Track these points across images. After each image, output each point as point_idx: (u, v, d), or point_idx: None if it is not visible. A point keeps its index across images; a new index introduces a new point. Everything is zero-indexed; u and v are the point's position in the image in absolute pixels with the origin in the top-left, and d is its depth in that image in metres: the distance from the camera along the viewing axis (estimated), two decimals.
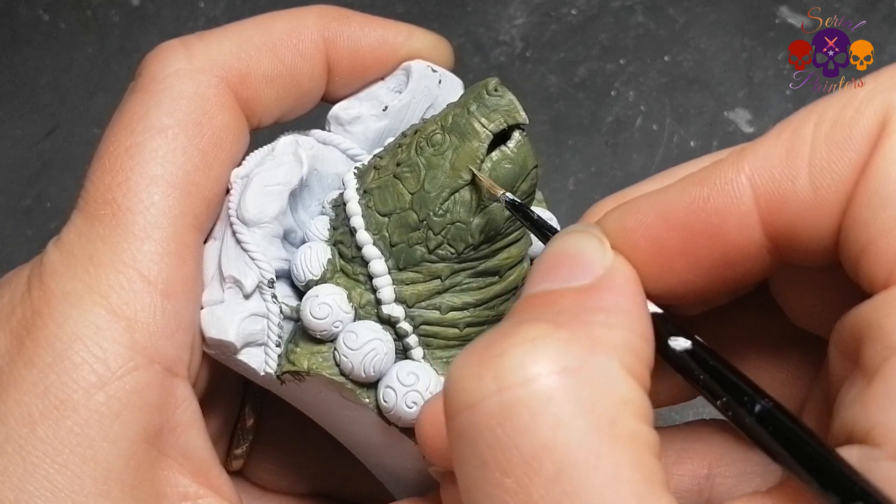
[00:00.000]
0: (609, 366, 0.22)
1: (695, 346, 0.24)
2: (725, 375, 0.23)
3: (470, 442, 0.22)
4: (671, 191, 0.25)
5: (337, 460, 0.39)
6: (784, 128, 0.24)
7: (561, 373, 0.21)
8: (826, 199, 0.23)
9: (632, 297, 0.24)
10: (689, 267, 0.25)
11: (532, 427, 0.21)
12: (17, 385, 0.29)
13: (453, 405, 0.22)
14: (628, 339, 0.23)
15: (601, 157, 0.65)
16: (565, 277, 0.24)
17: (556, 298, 0.24)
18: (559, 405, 0.21)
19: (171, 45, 0.34)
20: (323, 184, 0.35)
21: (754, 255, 0.25)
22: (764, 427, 0.22)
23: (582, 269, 0.24)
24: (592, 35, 0.68)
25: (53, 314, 0.30)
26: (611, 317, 0.23)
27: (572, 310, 0.23)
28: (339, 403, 0.33)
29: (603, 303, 0.23)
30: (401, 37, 0.36)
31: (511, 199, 0.30)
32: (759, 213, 0.24)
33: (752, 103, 0.67)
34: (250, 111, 0.34)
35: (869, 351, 0.22)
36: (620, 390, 0.22)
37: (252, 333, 0.32)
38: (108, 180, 0.32)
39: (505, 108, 0.31)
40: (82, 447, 0.29)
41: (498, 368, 0.22)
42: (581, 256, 0.25)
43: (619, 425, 0.21)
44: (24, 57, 0.68)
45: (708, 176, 0.24)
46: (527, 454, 0.21)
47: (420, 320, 0.32)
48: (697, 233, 0.24)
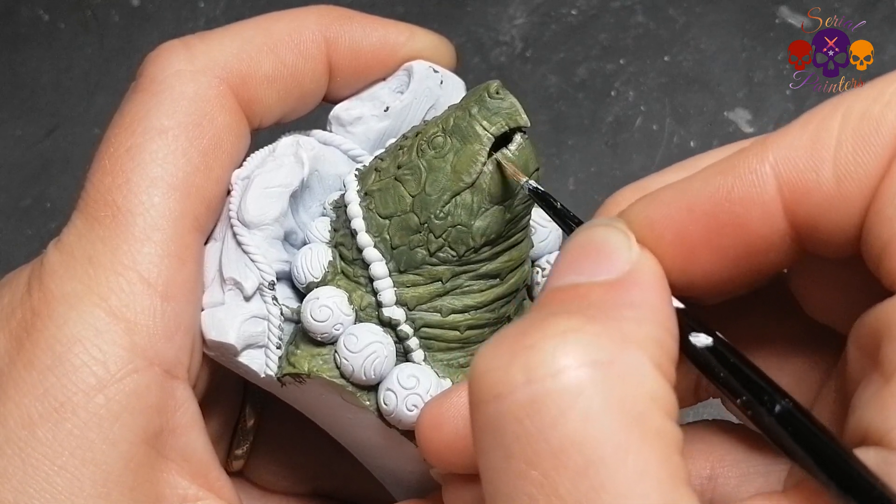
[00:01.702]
0: (639, 361, 0.22)
1: (716, 343, 0.24)
2: (746, 373, 0.23)
3: (496, 432, 0.22)
4: (695, 181, 0.25)
5: (337, 461, 0.39)
6: (811, 118, 0.24)
7: (591, 366, 0.21)
8: (850, 193, 0.23)
9: (659, 292, 0.24)
10: (713, 258, 0.25)
11: (561, 420, 0.21)
12: (16, 387, 0.29)
13: (480, 395, 0.22)
14: (657, 334, 0.23)
15: (601, 157, 0.65)
16: (592, 271, 0.24)
17: (584, 292, 0.24)
18: (589, 399, 0.21)
19: (171, 46, 0.34)
20: (324, 185, 0.35)
21: (778, 246, 0.24)
22: (784, 427, 0.22)
23: (608, 263, 0.24)
24: (592, 35, 0.68)
25: (53, 316, 0.30)
26: (640, 312, 0.23)
27: (601, 304, 0.23)
28: (340, 406, 0.33)
29: (631, 298, 0.23)
30: (402, 37, 0.36)
31: (534, 187, 0.30)
32: (783, 203, 0.24)
33: (752, 103, 0.67)
34: (251, 112, 0.34)
35: (888, 351, 0.22)
36: (649, 386, 0.22)
37: (252, 335, 0.32)
38: (108, 182, 0.32)
39: (506, 111, 0.31)
40: (82, 449, 0.29)
41: (528, 360, 0.21)
42: (607, 250, 0.24)
43: (648, 421, 0.21)
44: (24, 57, 0.68)
45: (732, 165, 0.24)
46: (555, 447, 0.21)
47: (421, 323, 0.32)
48: (722, 223, 0.24)
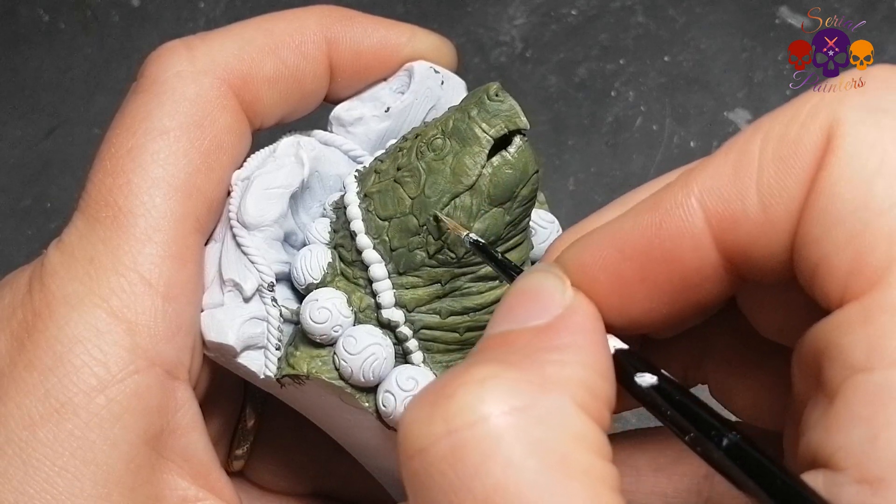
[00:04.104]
0: (560, 403, 0.22)
1: (661, 382, 0.24)
2: (692, 409, 0.23)
3: (423, 486, 0.22)
4: (624, 220, 0.25)
5: (337, 461, 0.39)
6: (731, 146, 0.24)
7: (510, 412, 0.21)
8: (776, 218, 0.23)
9: (589, 334, 0.24)
10: (650, 295, 0.25)
11: (483, 468, 0.21)
12: (17, 387, 0.29)
13: (406, 450, 0.22)
14: (583, 376, 0.23)
15: (601, 157, 0.65)
16: (524, 317, 0.24)
17: (512, 339, 0.24)
18: (509, 445, 0.21)
19: (172, 47, 0.34)
20: (324, 185, 0.35)
21: (713, 276, 0.24)
22: (733, 460, 0.22)
23: (541, 308, 0.24)
24: (592, 35, 0.68)
25: (54, 317, 0.30)
26: (565, 355, 0.23)
27: (526, 349, 0.23)
28: (339, 407, 0.33)
29: (558, 342, 0.23)
30: (403, 37, 0.36)
31: (475, 240, 0.30)
32: (712, 234, 0.24)
33: (752, 103, 0.67)
34: (252, 112, 0.34)
35: (828, 371, 0.22)
36: (573, 427, 0.22)
37: (252, 337, 0.32)
38: (109, 182, 0.32)
39: (506, 113, 0.31)
40: (82, 450, 0.29)
41: (447, 410, 0.21)
42: (540, 296, 0.25)
43: (572, 461, 0.21)
44: (24, 57, 0.68)
45: (659, 201, 0.24)
46: (479, 496, 0.21)
47: (420, 325, 0.32)
48: (653, 260, 0.24)
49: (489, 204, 0.31)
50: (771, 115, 0.24)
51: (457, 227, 0.30)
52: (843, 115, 0.22)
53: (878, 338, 0.21)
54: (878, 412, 0.20)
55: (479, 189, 0.31)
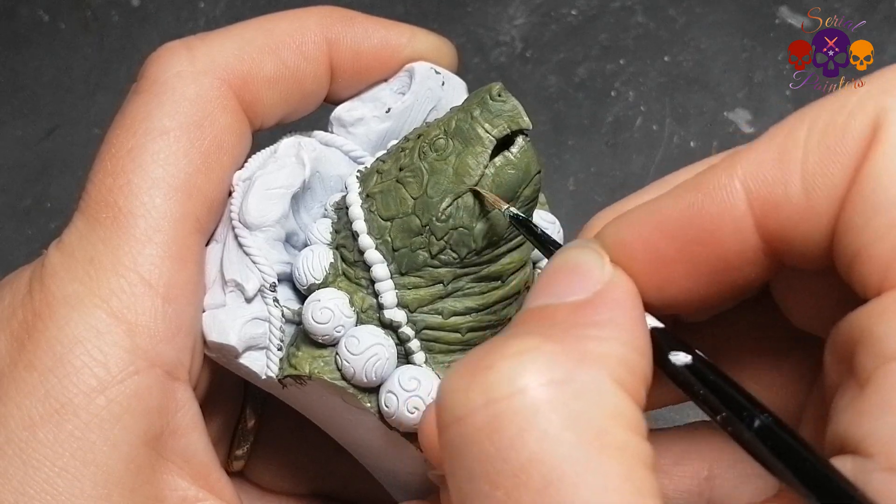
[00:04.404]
0: (598, 378, 0.22)
1: (695, 361, 0.24)
2: (725, 390, 0.23)
3: (460, 455, 0.22)
4: (666, 199, 0.25)
5: (337, 462, 0.39)
6: (777, 132, 0.24)
7: (548, 385, 0.21)
8: (819, 204, 0.23)
9: (628, 310, 0.24)
10: (688, 275, 0.25)
11: (519, 439, 0.21)
12: (17, 388, 0.29)
13: (444, 418, 0.22)
14: (621, 352, 0.23)
15: (601, 158, 0.65)
16: (563, 292, 0.24)
17: (551, 313, 0.24)
18: (546, 417, 0.21)
19: (173, 47, 0.34)
20: (325, 185, 0.35)
21: (752, 260, 0.25)
22: (763, 442, 0.22)
23: (580, 283, 0.24)
24: (592, 35, 0.68)
25: (54, 317, 0.30)
26: (604, 331, 0.23)
27: (565, 324, 0.23)
28: (341, 407, 0.33)
29: (598, 317, 0.23)
30: (404, 38, 0.36)
31: (515, 214, 0.30)
32: (754, 217, 0.24)
33: (752, 103, 0.67)
34: (253, 113, 0.34)
35: (861, 358, 0.22)
36: (610, 403, 0.22)
37: (253, 337, 0.32)
38: (109, 183, 0.32)
39: (508, 113, 0.31)
40: (82, 451, 0.29)
41: (486, 381, 0.22)
42: (580, 271, 0.25)
43: (608, 437, 0.21)
44: (24, 57, 0.68)
45: (701, 182, 0.24)
46: (515, 467, 0.21)
47: (422, 325, 0.32)
48: (694, 240, 0.24)
49: (491, 210, 0.31)
50: (818, 104, 0.24)
51: (497, 200, 0.30)
52: (891, 106, 0.23)
53: None
54: None
55: (482, 197, 0.31)
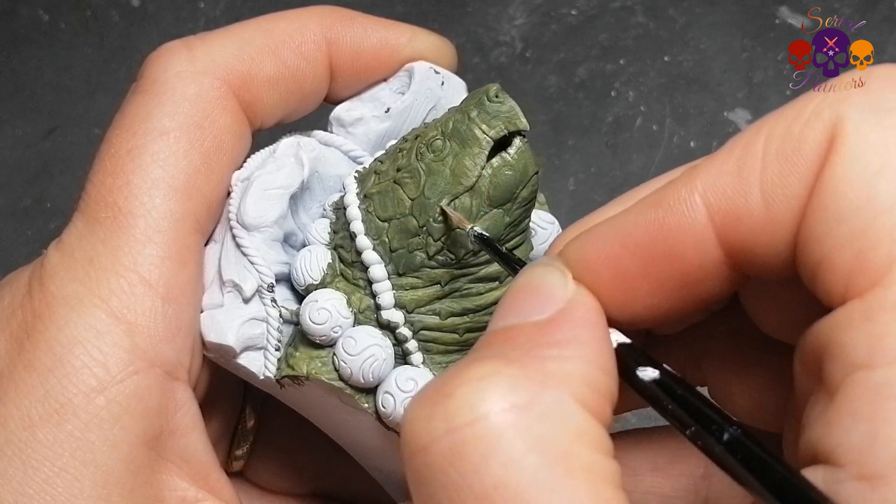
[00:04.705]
0: (561, 399, 0.22)
1: (662, 376, 0.24)
2: (693, 404, 0.23)
3: (425, 484, 0.22)
4: (627, 215, 0.25)
5: (337, 462, 0.39)
6: (735, 143, 0.24)
7: (510, 409, 0.21)
8: (779, 215, 0.23)
9: (591, 328, 0.24)
10: (652, 290, 0.25)
11: (483, 466, 0.21)
12: (17, 388, 0.29)
13: (408, 448, 0.22)
14: (583, 371, 0.23)
15: (601, 157, 0.65)
16: (526, 312, 0.24)
17: (514, 334, 0.24)
18: (509, 442, 0.21)
19: (172, 47, 0.34)
20: (324, 185, 0.35)
21: (716, 273, 0.24)
22: (733, 455, 0.22)
23: (542, 303, 0.24)
24: (592, 35, 0.68)
25: (54, 317, 0.30)
26: (566, 350, 0.23)
27: (527, 345, 0.23)
28: (339, 408, 0.33)
29: (559, 336, 0.23)
30: (404, 38, 0.36)
31: (479, 234, 0.30)
32: (715, 230, 0.24)
33: (752, 103, 0.67)
34: (252, 113, 0.34)
35: (829, 368, 0.22)
36: (573, 423, 0.22)
37: (251, 337, 0.32)
38: (108, 183, 0.32)
39: (506, 114, 0.31)
40: (82, 451, 0.29)
41: (446, 409, 0.22)
42: (542, 290, 0.25)
43: (574, 458, 0.21)
44: (24, 57, 0.68)
45: (662, 197, 0.24)
46: (480, 493, 0.21)
47: (419, 326, 0.32)
48: (656, 255, 0.24)
49: (489, 205, 0.31)
50: (774, 114, 0.24)
51: (461, 220, 0.30)
52: (847, 114, 0.22)
53: (879, 335, 0.21)
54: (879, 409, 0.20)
55: (478, 190, 0.31)
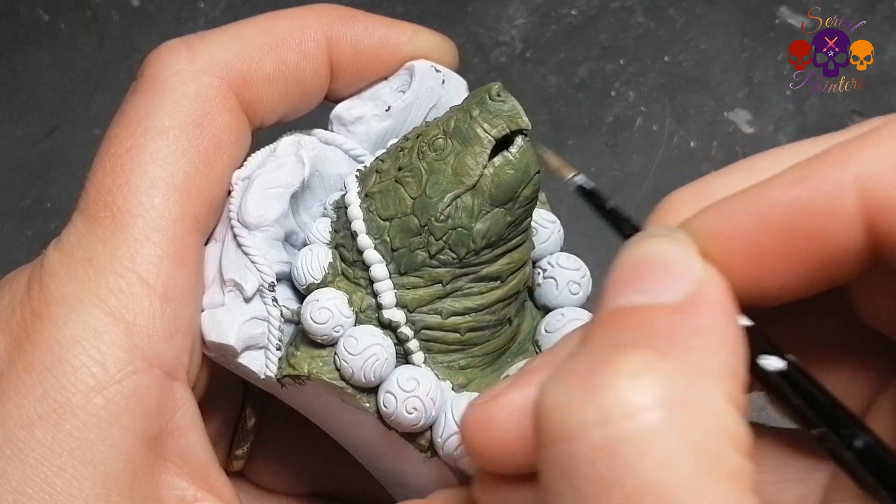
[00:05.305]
0: (714, 397, 0.21)
1: (789, 368, 0.23)
2: (822, 402, 0.22)
3: (568, 474, 0.21)
4: (768, 190, 0.24)
5: (337, 461, 0.39)
6: (894, 128, 0.23)
7: (667, 407, 0.21)
8: None
9: (727, 314, 0.23)
10: (789, 270, 0.24)
11: (638, 464, 0.20)
12: (15, 388, 0.29)
13: (550, 434, 0.21)
14: (728, 363, 0.22)
15: (601, 157, 0.65)
16: (654, 290, 0.23)
17: (649, 318, 0.23)
18: (666, 442, 0.20)
19: (172, 46, 0.34)
20: (325, 184, 0.35)
21: (856, 258, 0.23)
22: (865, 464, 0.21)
23: (671, 281, 0.23)
24: (592, 35, 0.68)
25: (52, 317, 0.30)
26: (709, 340, 0.22)
27: (669, 333, 0.22)
28: (340, 407, 0.33)
29: (699, 323, 0.22)
30: (404, 36, 0.36)
31: (581, 185, 0.28)
32: (864, 217, 0.23)
33: (752, 103, 0.67)
34: (252, 112, 0.34)
35: None
36: (725, 423, 0.21)
37: (252, 337, 0.32)
38: (108, 182, 0.31)
39: (508, 113, 0.31)
40: (81, 450, 0.29)
41: (601, 401, 0.21)
42: (669, 267, 0.23)
43: (724, 463, 0.21)
44: (24, 57, 0.68)
45: (809, 174, 0.23)
46: (629, 491, 0.20)
47: (421, 325, 0.32)
48: (799, 235, 0.23)
49: (491, 204, 0.31)
50: None
51: (561, 167, 0.29)
52: None
53: None
54: None
55: (480, 189, 0.31)
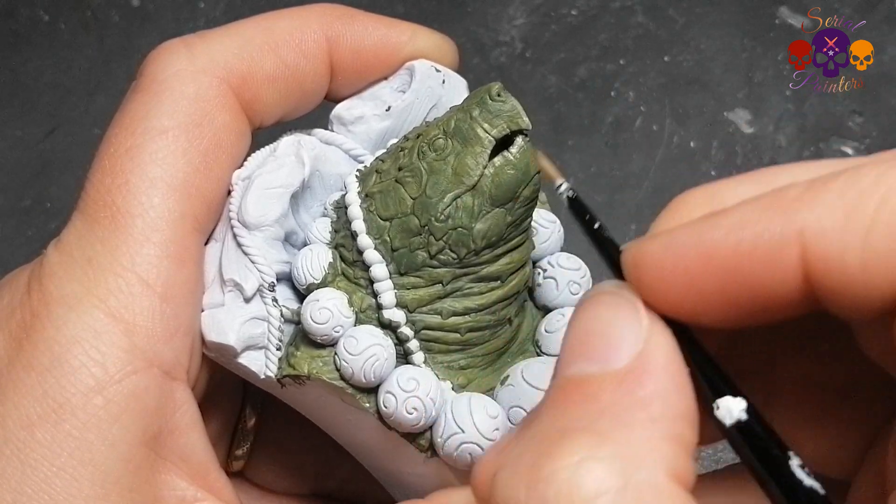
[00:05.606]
0: (654, 479, 0.21)
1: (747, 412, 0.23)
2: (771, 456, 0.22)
3: None
4: (716, 229, 0.24)
5: (337, 461, 0.39)
6: (849, 187, 0.22)
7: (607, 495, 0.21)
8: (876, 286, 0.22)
9: (672, 376, 0.23)
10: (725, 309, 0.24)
11: None
12: (15, 388, 0.29)
13: None
14: (671, 431, 0.22)
15: (601, 157, 0.65)
16: (600, 358, 0.23)
17: (594, 391, 0.23)
18: None
19: (172, 45, 0.34)
20: (325, 184, 0.35)
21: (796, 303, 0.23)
22: None
23: (617, 347, 0.23)
24: (592, 35, 0.68)
25: (52, 317, 0.30)
26: (652, 410, 0.22)
27: (612, 408, 0.22)
28: (340, 407, 0.33)
29: (642, 392, 0.22)
30: (404, 36, 0.36)
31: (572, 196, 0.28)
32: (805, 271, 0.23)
33: (752, 103, 0.67)
34: (252, 112, 0.34)
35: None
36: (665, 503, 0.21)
37: (252, 337, 0.32)
38: (107, 182, 0.31)
39: (508, 113, 0.31)
40: (80, 450, 0.29)
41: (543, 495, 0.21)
42: (615, 331, 0.24)
43: None
44: (24, 57, 0.68)
45: (758, 220, 0.23)
46: None
47: (421, 325, 0.32)
48: (739, 280, 0.23)
49: (491, 204, 0.31)
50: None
51: (556, 174, 0.29)
52: None
53: None
54: None
55: (480, 189, 0.31)
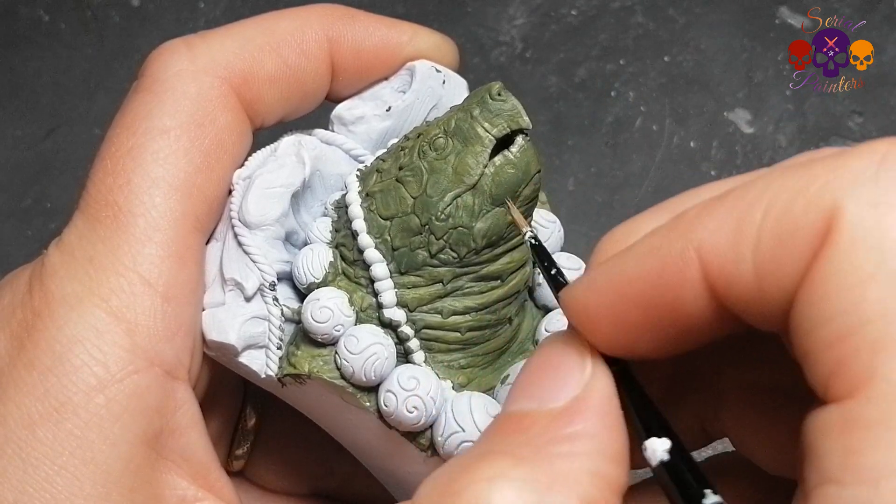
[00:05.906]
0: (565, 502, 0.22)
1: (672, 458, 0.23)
2: None
3: None
4: (625, 263, 0.24)
5: (337, 461, 0.39)
6: (737, 202, 0.23)
7: None
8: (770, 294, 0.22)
9: (604, 417, 0.23)
10: (653, 338, 0.24)
11: None
12: (16, 387, 0.29)
13: None
14: (592, 467, 0.22)
15: (601, 158, 0.65)
16: (542, 397, 0.24)
17: (528, 425, 0.23)
18: None
19: (173, 46, 0.34)
20: (326, 184, 0.35)
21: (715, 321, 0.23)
22: None
23: (559, 388, 0.24)
24: (592, 35, 0.68)
25: (53, 316, 0.30)
26: (576, 445, 0.23)
27: (538, 440, 0.23)
28: (340, 406, 0.33)
29: (570, 429, 0.23)
30: (405, 36, 0.36)
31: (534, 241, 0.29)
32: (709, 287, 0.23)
33: (752, 103, 0.67)
34: (253, 111, 0.34)
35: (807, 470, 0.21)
36: None
37: (253, 336, 0.32)
38: (109, 182, 0.31)
39: (508, 112, 0.31)
40: (82, 450, 0.29)
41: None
42: (560, 372, 0.24)
43: None
44: (24, 57, 0.68)
45: (660, 245, 0.23)
46: None
47: (421, 324, 0.32)
48: (655, 305, 0.23)
49: (491, 203, 0.31)
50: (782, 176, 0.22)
51: (522, 221, 0.30)
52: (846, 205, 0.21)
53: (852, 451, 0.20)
54: None
55: (481, 188, 0.31)
